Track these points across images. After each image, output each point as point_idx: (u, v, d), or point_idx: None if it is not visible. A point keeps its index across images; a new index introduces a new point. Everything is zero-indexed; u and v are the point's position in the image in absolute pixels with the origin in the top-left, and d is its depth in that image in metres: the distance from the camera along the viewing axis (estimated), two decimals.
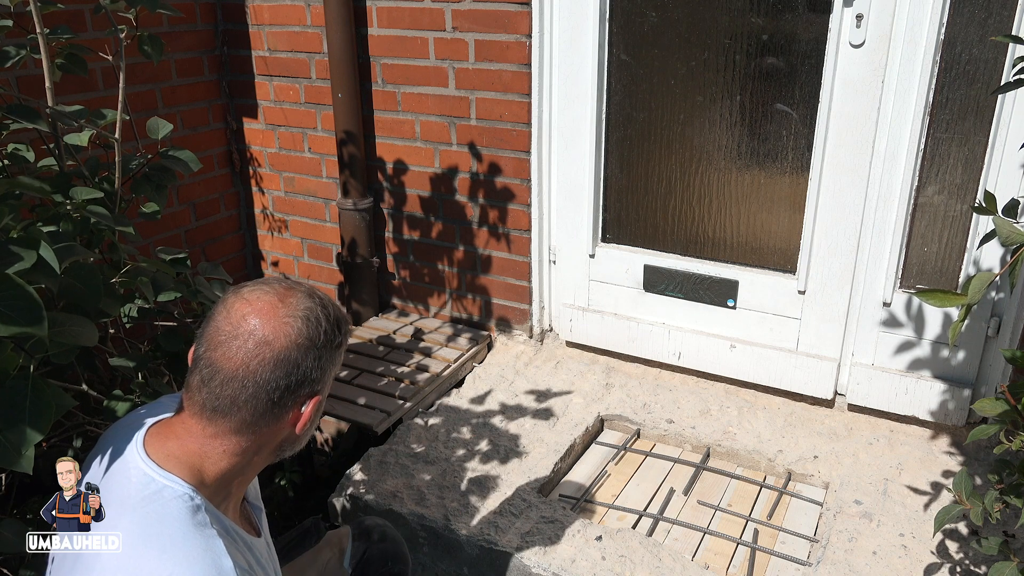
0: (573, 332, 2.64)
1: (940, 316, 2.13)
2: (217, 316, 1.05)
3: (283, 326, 1.04)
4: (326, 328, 1.08)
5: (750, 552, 1.85)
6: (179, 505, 1.00)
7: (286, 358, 1.03)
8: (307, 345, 1.05)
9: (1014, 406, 1.33)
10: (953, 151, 2.03)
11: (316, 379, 1.07)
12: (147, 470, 1.02)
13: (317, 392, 1.09)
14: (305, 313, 1.06)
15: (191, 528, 0.98)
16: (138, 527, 0.97)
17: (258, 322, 1.03)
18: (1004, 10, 1.88)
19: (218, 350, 1.03)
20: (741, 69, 2.20)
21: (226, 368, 1.02)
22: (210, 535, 0.99)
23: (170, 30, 2.70)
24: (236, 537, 1.09)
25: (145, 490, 1.00)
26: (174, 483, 1.01)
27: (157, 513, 0.98)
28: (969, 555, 1.76)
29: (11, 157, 1.63)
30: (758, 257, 2.35)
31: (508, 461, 2.12)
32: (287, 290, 1.08)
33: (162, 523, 0.98)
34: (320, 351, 1.07)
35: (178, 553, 0.96)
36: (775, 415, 2.31)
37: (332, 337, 1.09)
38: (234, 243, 3.14)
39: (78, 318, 1.20)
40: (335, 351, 1.10)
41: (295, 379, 1.05)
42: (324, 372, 1.09)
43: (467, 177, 2.62)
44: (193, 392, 1.05)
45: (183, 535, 0.97)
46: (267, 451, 1.11)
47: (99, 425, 1.61)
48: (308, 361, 1.05)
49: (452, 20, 2.45)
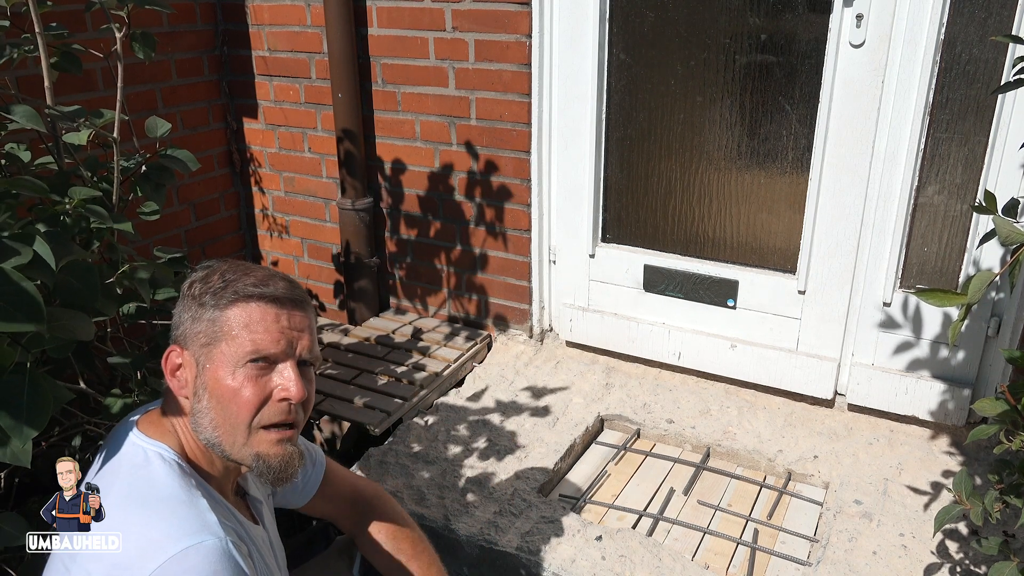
0: (573, 332, 2.64)
1: (940, 316, 2.13)
2: None
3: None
4: (196, 280, 1.13)
5: (750, 552, 1.85)
6: (165, 468, 1.06)
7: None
8: (182, 293, 1.13)
9: (1014, 406, 1.33)
10: (953, 151, 2.02)
11: (176, 323, 1.14)
12: (137, 441, 1.09)
13: (175, 339, 1.14)
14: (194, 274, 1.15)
15: (176, 489, 1.04)
16: (128, 489, 1.03)
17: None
18: (1004, 10, 1.87)
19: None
20: (741, 69, 2.20)
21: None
22: (195, 495, 1.05)
23: (170, 30, 2.70)
24: (225, 509, 1.12)
25: (135, 458, 1.07)
26: (161, 449, 1.08)
27: (145, 476, 1.05)
28: (969, 555, 1.75)
29: (9, 156, 1.63)
30: (758, 257, 2.35)
31: (508, 461, 2.12)
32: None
33: (149, 485, 1.03)
34: (182, 297, 1.13)
35: (162, 510, 1.01)
36: (775, 415, 2.31)
37: (198, 289, 1.12)
38: (234, 243, 3.14)
39: (74, 312, 1.20)
40: (191, 300, 1.12)
41: (173, 326, 1.14)
42: (181, 318, 1.12)
43: (467, 177, 2.62)
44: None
45: (169, 494, 1.03)
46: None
47: (98, 424, 1.61)
48: (176, 308, 1.14)
49: (452, 20, 2.45)
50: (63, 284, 1.26)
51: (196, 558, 0.97)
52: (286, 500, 1.42)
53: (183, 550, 0.96)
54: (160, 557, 0.95)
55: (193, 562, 0.96)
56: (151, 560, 0.95)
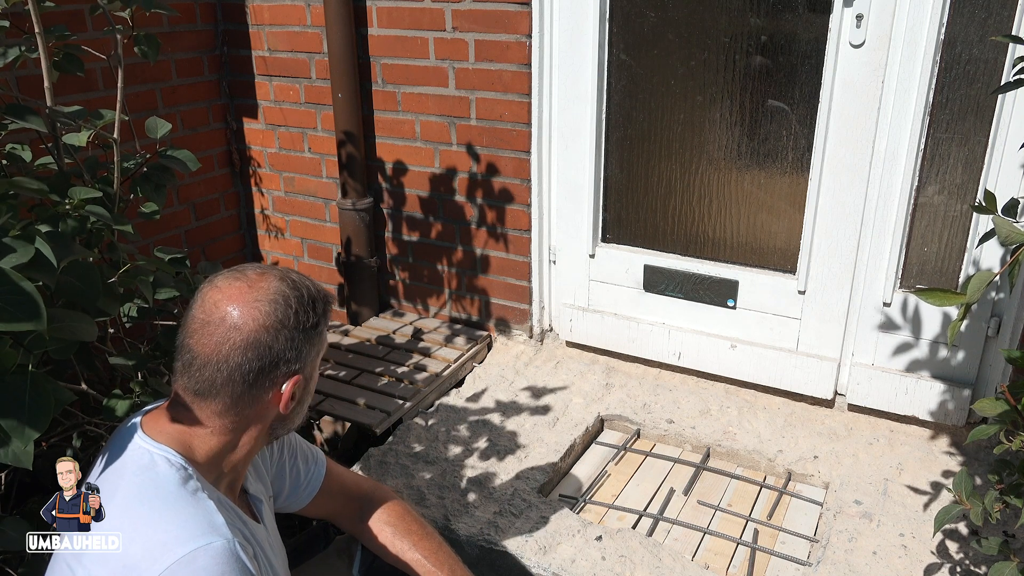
0: (573, 332, 2.64)
1: (940, 316, 2.13)
2: (194, 305, 1.10)
3: (251, 310, 1.07)
4: (297, 309, 1.10)
5: (750, 552, 1.85)
6: (171, 472, 1.05)
7: (256, 341, 1.07)
8: (277, 327, 1.08)
9: (1014, 406, 1.33)
10: (953, 151, 2.02)
11: (291, 359, 1.10)
12: (142, 443, 1.08)
13: (295, 372, 1.12)
14: (274, 296, 1.09)
15: (183, 492, 1.03)
16: (134, 490, 1.02)
17: (228, 308, 1.07)
18: (1004, 10, 1.87)
19: (194, 337, 1.08)
20: (741, 69, 2.20)
21: (202, 354, 1.07)
22: (201, 497, 1.04)
23: (170, 30, 2.70)
24: (230, 510, 1.12)
25: (140, 461, 1.06)
26: (167, 453, 1.07)
27: (151, 479, 1.04)
28: (969, 555, 1.75)
29: (10, 157, 1.63)
30: (758, 257, 2.35)
31: (508, 461, 2.12)
32: (259, 275, 1.12)
33: (156, 487, 1.03)
34: (292, 331, 1.10)
35: (169, 512, 1.01)
36: (775, 415, 2.31)
37: (305, 317, 1.11)
38: (234, 243, 3.14)
39: (76, 314, 1.20)
40: (310, 331, 1.12)
41: (268, 360, 1.08)
42: (300, 352, 1.11)
43: (467, 177, 2.62)
44: (178, 377, 1.10)
45: (175, 496, 1.02)
46: (256, 430, 1.14)
47: (99, 425, 1.61)
48: (280, 342, 1.09)
49: (452, 20, 2.45)
50: (65, 284, 1.26)
51: (204, 559, 0.97)
52: (289, 503, 1.42)
53: (191, 552, 0.96)
54: (168, 559, 0.95)
55: (201, 564, 0.96)
56: (159, 562, 0.95)
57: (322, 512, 1.47)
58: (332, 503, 1.45)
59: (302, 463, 1.42)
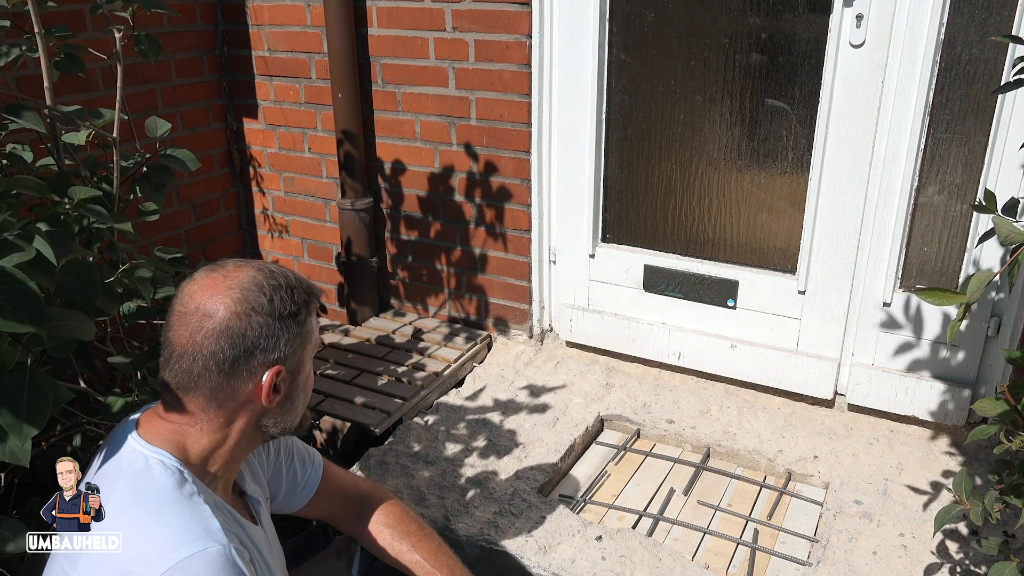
0: (573, 332, 2.64)
1: (940, 316, 2.13)
2: (174, 299, 1.10)
3: (224, 298, 1.07)
4: (272, 296, 1.09)
5: (750, 552, 1.85)
6: (166, 475, 1.04)
7: (227, 327, 1.06)
8: (249, 312, 1.07)
9: (1014, 406, 1.33)
10: (953, 151, 2.02)
11: (267, 347, 1.09)
12: (137, 447, 1.07)
13: (274, 361, 1.10)
14: (247, 284, 1.09)
15: (178, 496, 1.03)
16: (129, 495, 1.02)
17: (202, 298, 1.07)
18: (1004, 10, 1.87)
19: (171, 329, 1.08)
20: (741, 69, 2.20)
21: (178, 345, 1.07)
22: (197, 502, 1.04)
23: (170, 30, 2.70)
24: (227, 513, 1.12)
25: (135, 464, 1.05)
26: (163, 456, 1.06)
27: (146, 483, 1.03)
28: (969, 555, 1.75)
29: (10, 157, 1.63)
30: (758, 257, 2.35)
31: (508, 461, 2.12)
32: (236, 267, 1.11)
33: (151, 491, 1.03)
34: (266, 318, 1.08)
35: (164, 516, 1.00)
36: (775, 415, 2.31)
37: (281, 305, 1.10)
38: (234, 243, 3.14)
39: (75, 313, 1.20)
40: (287, 319, 1.11)
41: (242, 348, 1.07)
42: (276, 340, 1.09)
43: (467, 177, 2.62)
44: (163, 373, 1.10)
45: (171, 500, 1.02)
46: (243, 424, 1.13)
47: (98, 425, 1.61)
48: (253, 329, 1.07)
49: (452, 20, 2.45)
50: (64, 283, 1.26)
51: (200, 565, 0.96)
52: (286, 505, 1.42)
53: (187, 557, 0.96)
54: (163, 564, 0.95)
55: (196, 569, 0.96)
56: (154, 567, 0.95)
57: (320, 513, 1.46)
58: (330, 504, 1.45)
59: (298, 464, 1.41)
